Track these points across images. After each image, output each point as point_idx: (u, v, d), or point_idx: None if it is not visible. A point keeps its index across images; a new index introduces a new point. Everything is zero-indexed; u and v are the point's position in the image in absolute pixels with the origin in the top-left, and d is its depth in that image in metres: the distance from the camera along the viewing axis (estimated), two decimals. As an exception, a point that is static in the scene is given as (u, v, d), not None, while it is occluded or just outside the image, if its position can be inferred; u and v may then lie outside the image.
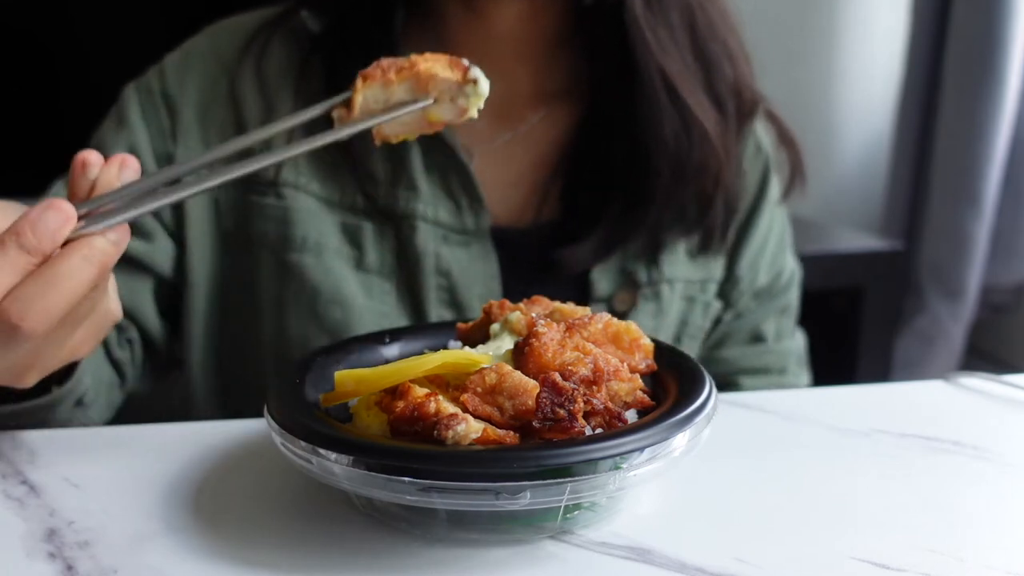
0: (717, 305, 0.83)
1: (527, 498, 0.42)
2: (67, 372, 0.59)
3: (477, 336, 0.54)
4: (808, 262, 1.59)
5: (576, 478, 0.42)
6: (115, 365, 0.74)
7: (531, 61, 0.78)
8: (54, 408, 0.60)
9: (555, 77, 0.79)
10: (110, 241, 0.47)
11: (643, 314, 0.78)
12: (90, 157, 0.50)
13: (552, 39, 0.78)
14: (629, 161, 0.76)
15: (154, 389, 0.80)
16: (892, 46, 1.93)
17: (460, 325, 0.56)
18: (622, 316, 0.77)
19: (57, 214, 0.45)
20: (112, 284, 0.53)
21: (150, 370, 0.78)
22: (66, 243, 0.46)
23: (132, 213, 0.47)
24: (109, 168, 0.50)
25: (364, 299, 0.74)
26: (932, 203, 1.80)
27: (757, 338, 0.86)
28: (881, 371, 1.63)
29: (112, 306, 0.53)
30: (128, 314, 0.74)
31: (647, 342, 0.52)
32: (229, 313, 0.78)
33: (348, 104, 0.53)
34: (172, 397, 0.80)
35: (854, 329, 1.59)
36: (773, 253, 0.86)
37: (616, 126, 0.76)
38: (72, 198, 0.50)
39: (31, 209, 0.45)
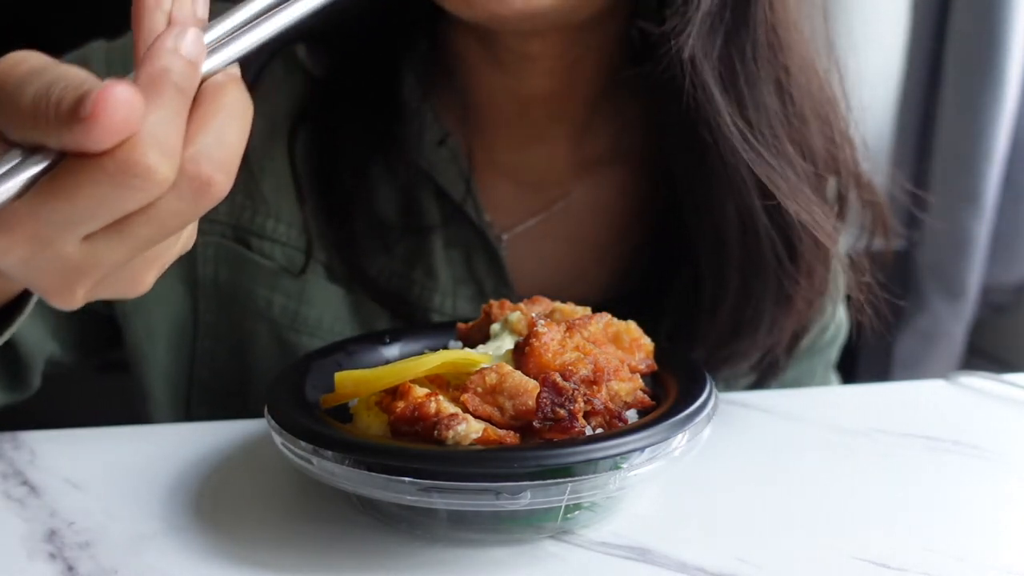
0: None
1: (527, 498, 0.42)
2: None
3: (477, 336, 0.54)
4: (808, 262, 1.60)
5: (576, 478, 0.42)
6: None
7: (568, 124, 0.67)
8: None
9: (596, 142, 0.68)
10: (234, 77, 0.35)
11: None
12: None
13: (591, 99, 0.67)
14: (697, 267, 0.63)
15: (105, 387, 0.74)
16: (892, 45, 1.92)
17: (460, 325, 0.56)
18: None
19: (196, 42, 0.33)
20: None
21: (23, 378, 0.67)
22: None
23: (239, 48, 0.36)
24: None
25: None
26: (932, 202, 1.80)
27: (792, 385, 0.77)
28: (881, 370, 1.63)
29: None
30: None
31: (647, 342, 0.52)
32: (207, 371, 0.68)
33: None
34: (126, 394, 0.73)
35: (854, 328, 1.58)
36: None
37: (686, 213, 0.63)
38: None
39: (159, 38, 0.32)
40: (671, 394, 0.49)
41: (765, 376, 0.68)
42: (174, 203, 0.33)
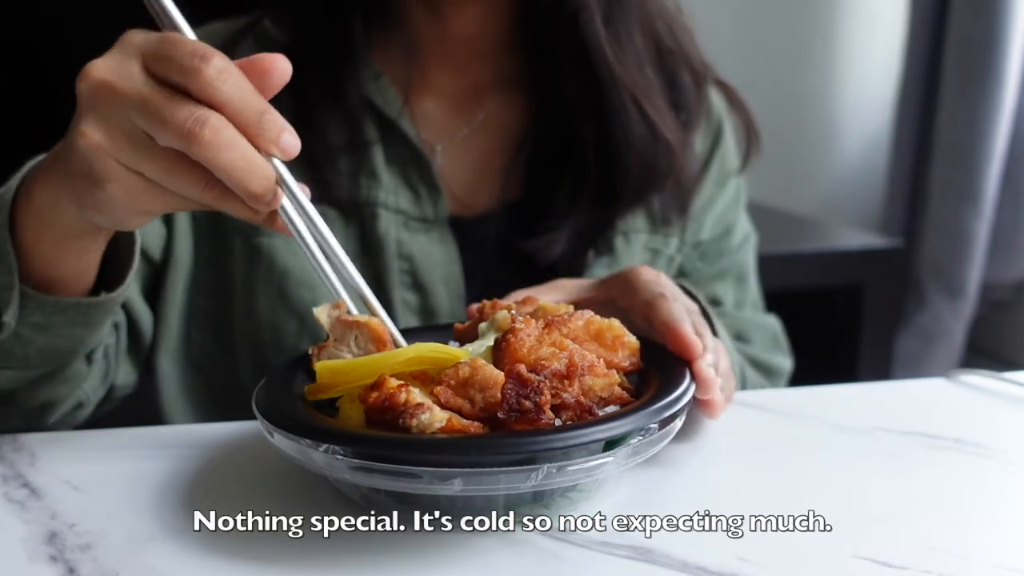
0: (679, 259, 0.85)
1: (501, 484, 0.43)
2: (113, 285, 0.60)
3: (473, 336, 0.54)
4: (808, 260, 1.61)
5: (536, 466, 0.43)
6: (104, 350, 0.72)
7: (488, 57, 0.82)
8: (91, 328, 0.60)
9: (509, 68, 0.83)
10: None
11: (598, 266, 0.80)
12: None
13: (507, 35, 0.81)
14: (598, 157, 0.79)
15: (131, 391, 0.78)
16: (891, 43, 1.92)
17: (457, 326, 0.56)
18: (578, 273, 0.79)
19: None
20: None
21: (132, 363, 0.77)
22: None
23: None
24: None
25: None
26: (932, 200, 1.80)
27: (713, 302, 0.87)
28: (882, 369, 1.63)
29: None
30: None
31: (632, 340, 0.52)
32: (201, 297, 0.79)
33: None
34: (139, 399, 0.80)
35: (855, 327, 1.59)
36: (721, 211, 0.87)
37: (578, 119, 0.79)
38: None
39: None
40: (651, 389, 0.50)
41: (664, 222, 0.83)
42: None
